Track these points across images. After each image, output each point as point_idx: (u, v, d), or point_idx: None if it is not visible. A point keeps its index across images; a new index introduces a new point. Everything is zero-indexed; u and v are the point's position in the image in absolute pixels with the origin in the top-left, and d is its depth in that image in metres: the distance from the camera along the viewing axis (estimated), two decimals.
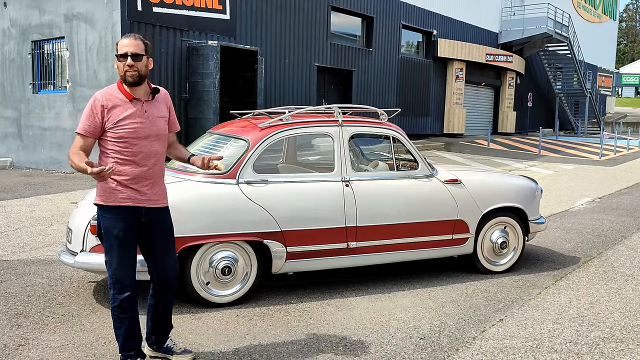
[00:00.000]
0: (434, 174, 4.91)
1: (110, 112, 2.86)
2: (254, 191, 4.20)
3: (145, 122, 2.92)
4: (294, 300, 4.35)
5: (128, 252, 2.95)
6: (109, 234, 2.92)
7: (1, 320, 3.84)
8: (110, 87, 2.96)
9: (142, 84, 2.94)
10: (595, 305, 4.33)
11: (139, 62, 2.87)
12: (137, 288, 3.01)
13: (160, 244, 3.07)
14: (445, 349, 3.52)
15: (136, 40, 2.90)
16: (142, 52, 2.89)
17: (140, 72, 2.89)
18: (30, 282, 4.65)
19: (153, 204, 2.99)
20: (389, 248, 4.62)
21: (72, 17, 11.82)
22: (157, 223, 3.03)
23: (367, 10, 17.67)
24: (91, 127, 2.87)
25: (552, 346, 3.56)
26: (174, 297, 3.22)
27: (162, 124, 3.01)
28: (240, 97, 12.89)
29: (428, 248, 4.79)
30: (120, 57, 2.88)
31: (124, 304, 2.94)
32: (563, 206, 8.96)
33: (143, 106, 2.93)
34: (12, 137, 13.39)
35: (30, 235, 6.31)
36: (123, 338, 3.00)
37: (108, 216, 2.91)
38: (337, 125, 4.57)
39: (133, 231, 2.96)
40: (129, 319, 2.97)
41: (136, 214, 2.94)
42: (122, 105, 2.89)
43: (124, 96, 2.90)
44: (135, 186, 2.91)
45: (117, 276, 2.93)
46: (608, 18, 37.96)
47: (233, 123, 4.97)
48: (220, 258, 4.11)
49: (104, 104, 2.87)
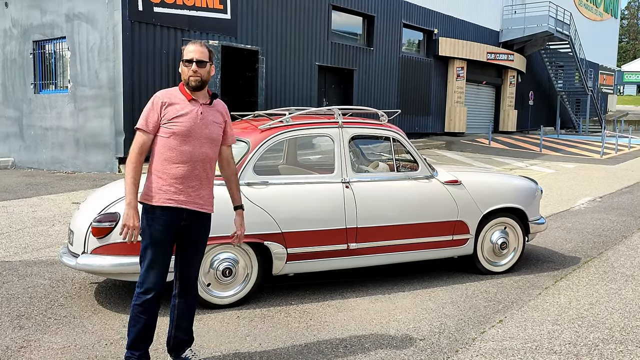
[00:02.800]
0: (434, 175, 4.92)
1: (168, 109, 2.95)
2: (254, 193, 4.21)
3: (199, 124, 2.97)
4: (294, 301, 4.37)
5: (161, 255, 2.97)
6: (146, 233, 2.96)
7: (3, 322, 3.86)
8: (172, 88, 3.07)
9: (203, 89, 3.03)
10: (595, 306, 4.34)
11: (202, 69, 2.97)
12: (162, 292, 3.00)
13: (192, 250, 3.09)
14: (444, 350, 3.53)
15: (202, 48, 3.00)
16: (206, 60, 2.99)
17: (203, 78, 2.99)
18: (32, 284, 4.67)
19: (197, 207, 3.00)
20: (390, 249, 4.63)
21: (73, 17, 11.84)
22: (195, 228, 3.05)
23: (368, 9, 17.66)
24: (150, 122, 2.94)
25: (551, 347, 3.58)
26: (196, 301, 3.22)
27: (216, 129, 3.06)
28: (241, 96, 12.91)
29: (428, 249, 4.80)
30: (185, 62, 2.97)
31: (146, 304, 2.97)
32: (564, 205, 8.97)
33: (200, 108, 3.00)
34: (13, 137, 13.43)
35: (32, 236, 6.33)
36: (134, 336, 3.01)
37: (149, 216, 2.95)
38: (337, 126, 4.59)
39: (170, 234, 2.98)
40: (146, 320, 2.99)
41: (177, 217, 2.96)
42: (181, 103, 2.98)
43: (184, 96, 3.00)
44: (180, 186, 2.94)
45: (146, 276, 2.97)
46: (609, 16, 37.88)
47: (233, 125, 4.98)
48: (221, 259, 4.14)
49: (164, 100, 2.97)
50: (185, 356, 3.20)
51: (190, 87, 2.99)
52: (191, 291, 3.15)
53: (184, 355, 3.20)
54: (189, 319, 3.19)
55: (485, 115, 24.81)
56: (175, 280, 3.14)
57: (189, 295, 3.15)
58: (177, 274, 3.12)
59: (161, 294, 3.01)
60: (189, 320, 3.19)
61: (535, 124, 27.56)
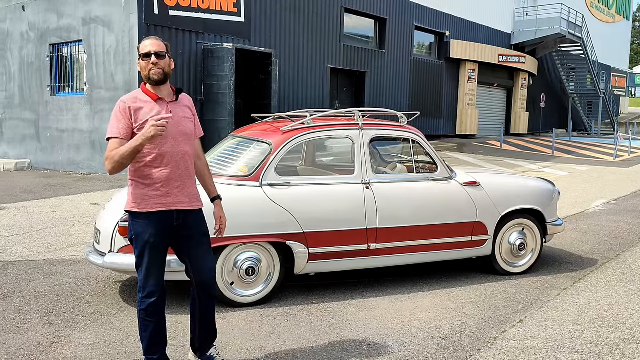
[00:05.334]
0: (453, 177, 4.96)
1: (137, 114, 2.88)
2: (276, 193, 4.28)
3: (172, 123, 2.89)
4: (315, 300, 4.43)
5: (157, 258, 2.97)
6: (140, 239, 2.93)
7: (33, 318, 3.96)
8: (134, 92, 2.99)
9: (166, 82, 2.97)
10: (614, 307, 4.36)
11: (162, 60, 2.92)
12: (165, 293, 3.02)
13: (196, 246, 3.06)
14: (467, 348, 3.58)
15: (157, 41, 2.95)
16: (164, 51, 2.94)
17: (165, 70, 2.93)
18: (58, 282, 4.77)
19: (184, 206, 2.98)
20: (409, 249, 4.68)
21: (89, 20, 12.00)
22: (190, 225, 3.04)
23: (380, 12, 17.72)
24: (124, 128, 2.86)
25: (573, 347, 3.61)
26: (215, 302, 3.17)
27: (189, 124, 3.03)
28: (254, 99, 13.01)
29: (447, 250, 4.85)
30: (144, 57, 2.92)
31: (150, 308, 2.96)
32: (578, 208, 8.96)
33: (168, 106, 2.95)
34: (30, 139, 13.61)
35: (54, 236, 6.44)
36: (147, 341, 3.01)
37: (140, 221, 2.93)
38: (357, 128, 4.65)
39: (164, 237, 2.96)
40: (154, 323, 2.99)
41: (168, 219, 2.95)
42: (148, 105, 2.92)
43: (149, 97, 2.94)
44: (166, 189, 2.92)
45: (146, 281, 2.96)
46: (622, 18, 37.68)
47: (255, 126, 5.06)
48: (245, 259, 4.21)
49: (130, 105, 2.89)
50: (210, 354, 3.22)
51: (152, 82, 2.92)
52: (211, 293, 3.12)
53: (208, 354, 3.22)
54: (211, 319, 3.18)
55: (497, 118, 24.77)
56: (193, 282, 3.10)
57: (209, 297, 3.11)
58: (191, 275, 3.09)
59: (165, 296, 3.01)
60: (211, 320, 3.19)
61: (546, 127, 27.46)
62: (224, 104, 11.86)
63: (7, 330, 3.73)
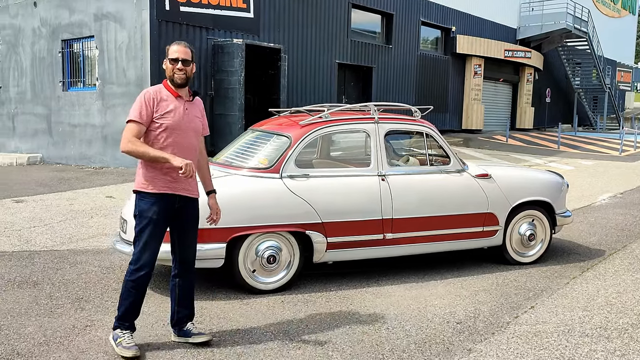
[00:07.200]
0: (465, 169, 5.11)
1: (159, 104, 3.26)
2: (296, 185, 4.44)
3: (185, 119, 3.31)
4: (333, 288, 4.59)
5: (157, 235, 3.29)
6: (143, 215, 3.26)
7: (64, 303, 4.14)
8: (158, 86, 3.38)
9: (187, 85, 3.37)
10: (622, 295, 4.51)
11: (187, 67, 3.32)
12: (153, 270, 3.33)
13: (186, 230, 3.41)
14: (481, 332, 3.74)
15: (186, 48, 3.35)
16: (190, 59, 3.35)
17: (187, 75, 3.33)
18: (84, 270, 4.95)
19: (188, 193, 3.34)
20: (423, 239, 4.84)
21: (101, 16, 12.16)
22: (187, 212, 3.38)
23: (387, 7, 17.83)
24: (144, 114, 3.22)
25: (583, 331, 3.77)
26: (194, 279, 3.54)
27: (199, 122, 3.42)
28: (263, 94, 13.16)
29: (460, 240, 5.01)
30: (171, 61, 3.31)
31: (139, 280, 3.28)
32: (585, 201, 9.10)
33: (185, 104, 3.33)
34: (42, 134, 13.79)
35: (75, 227, 6.62)
36: (125, 309, 3.32)
37: (146, 201, 3.26)
38: (373, 122, 4.80)
39: (165, 216, 3.29)
40: (136, 295, 3.31)
41: (171, 201, 3.29)
42: (169, 100, 3.30)
43: (170, 93, 3.32)
44: (173, 174, 3.24)
45: (141, 254, 3.27)
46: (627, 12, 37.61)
47: (272, 120, 5.22)
48: (266, 247, 4.37)
49: (155, 96, 3.27)
50: (186, 329, 3.52)
51: (175, 84, 3.30)
52: (191, 269, 3.48)
53: (185, 328, 3.52)
54: (190, 296, 3.53)
55: (502, 113, 24.85)
56: (175, 264, 3.46)
57: (189, 273, 3.47)
58: (176, 257, 3.45)
59: (152, 272, 3.34)
60: (190, 297, 3.53)
61: (552, 122, 27.52)
62: (234, 98, 12.02)
63: (41, 314, 3.91)
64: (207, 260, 4.20)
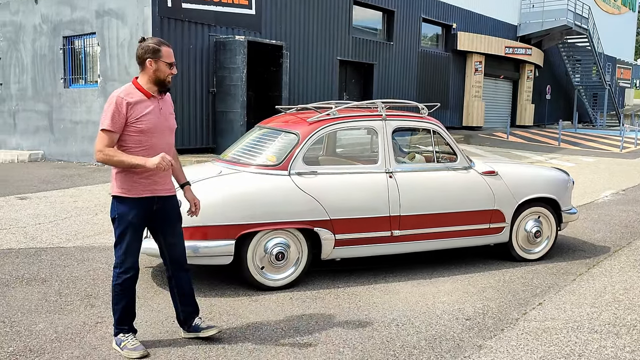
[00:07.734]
0: (472, 166, 5.12)
1: (133, 108, 3.14)
2: (304, 182, 4.45)
3: (161, 117, 3.25)
4: (341, 285, 4.61)
5: (137, 237, 3.29)
6: (123, 219, 3.23)
7: (74, 300, 4.14)
8: (128, 87, 3.23)
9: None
10: (629, 291, 4.53)
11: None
12: (138, 270, 3.34)
13: (171, 228, 3.37)
14: (491, 329, 3.75)
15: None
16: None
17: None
18: (91, 267, 4.95)
19: (167, 192, 3.32)
20: (431, 236, 4.85)
21: (103, 13, 12.13)
22: (168, 210, 3.35)
23: (388, 4, 17.81)
24: (117, 123, 3.11)
25: (592, 327, 3.78)
26: (190, 275, 3.50)
27: (172, 119, 3.37)
28: (265, 90, 13.15)
29: (467, 236, 5.02)
30: (169, 65, 3.24)
31: (126, 283, 3.28)
32: (587, 198, 9.12)
33: (159, 103, 3.25)
34: (43, 130, 13.77)
35: (79, 224, 6.63)
36: (120, 314, 3.32)
37: (125, 205, 3.22)
38: (381, 119, 4.80)
39: (144, 219, 3.29)
40: (127, 297, 3.31)
41: (150, 204, 3.26)
42: (143, 102, 3.18)
43: (143, 94, 3.20)
44: (153, 178, 3.22)
45: (125, 257, 3.27)
46: (627, 9, 37.59)
47: (279, 117, 5.22)
48: (274, 244, 4.38)
49: (128, 101, 3.13)
50: (195, 324, 3.53)
51: (164, 87, 3.25)
52: (184, 266, 3.45)
53: (194, 324, 3.53)
54: (190, 293, 3.51)
55: (503, 110, 24.86)
56: (167, 264, 3.44)
57: (183, 270, 3.44)
58: (166, 259, 3.43)
59: (138, 274, 3.34)
60: (190, 294, 3.51)
61: (552, 118, 27.54)
62: (236, 95, 12.01)
63: (52, 311, 3.92)
64: (216, 257, 4.21)
